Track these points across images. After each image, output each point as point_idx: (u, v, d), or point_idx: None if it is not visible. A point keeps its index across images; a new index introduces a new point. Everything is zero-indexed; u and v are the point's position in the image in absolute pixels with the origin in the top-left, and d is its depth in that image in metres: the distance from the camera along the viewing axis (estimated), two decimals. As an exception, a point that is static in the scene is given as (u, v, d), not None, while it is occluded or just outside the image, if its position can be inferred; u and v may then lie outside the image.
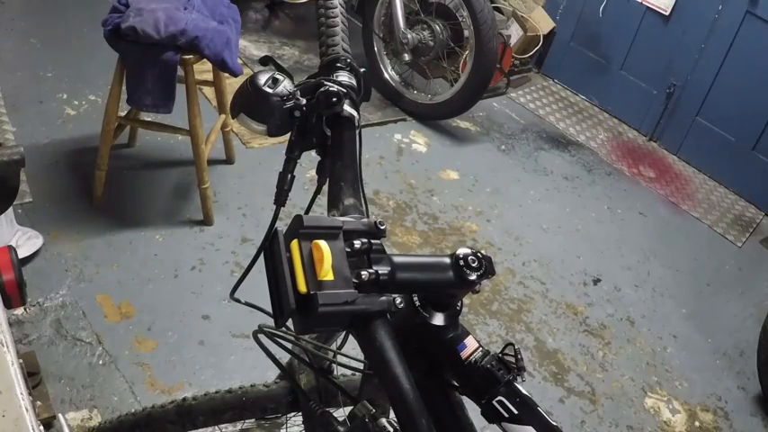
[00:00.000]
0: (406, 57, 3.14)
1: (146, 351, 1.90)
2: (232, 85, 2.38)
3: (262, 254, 0.62)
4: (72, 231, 2.19)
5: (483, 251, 0.66)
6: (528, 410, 0.65)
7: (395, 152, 3.01)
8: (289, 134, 0.73)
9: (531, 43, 3.76)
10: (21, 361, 0.73)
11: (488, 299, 2.39)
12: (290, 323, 0.59)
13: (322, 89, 0.70)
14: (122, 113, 2.27)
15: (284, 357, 0.90)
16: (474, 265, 0.63)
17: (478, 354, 0.67)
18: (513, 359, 0.67)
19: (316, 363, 0.90)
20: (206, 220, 2.35)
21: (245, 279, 0.80)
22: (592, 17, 3.71)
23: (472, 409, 0.69)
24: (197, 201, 2.34)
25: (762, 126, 3.31)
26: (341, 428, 0.77)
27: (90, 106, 2.74)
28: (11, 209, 1.90)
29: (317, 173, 0.75)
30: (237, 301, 0.80)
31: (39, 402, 1.51)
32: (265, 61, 0.74)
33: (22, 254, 1.99)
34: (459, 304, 0.69)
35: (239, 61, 2.22)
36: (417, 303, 0.66)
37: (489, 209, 2.83)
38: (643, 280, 2.72)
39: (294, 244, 0.58)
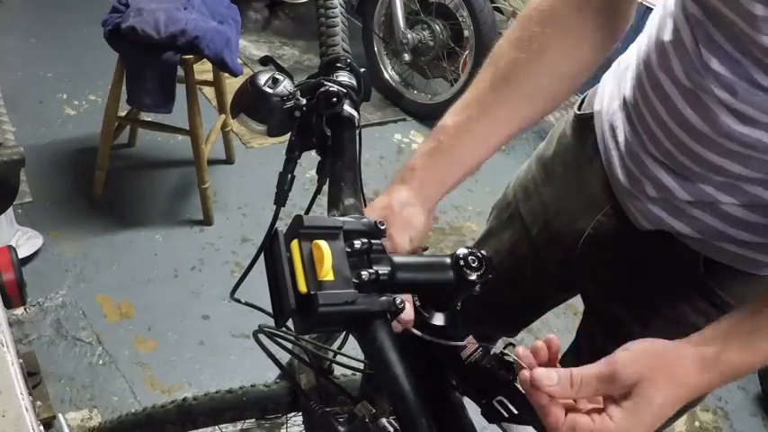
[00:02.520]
0: (406, 57, 3.13)
1: (146, 351, 1.90)
2: (232, 85, 2.38)
3: (262, 254, 0.62)
4: (72, 231, 2.19)
5: (483, 251, 0.65)
6: (528, 410, 0.65)
7: (395, 152, 3.01)
8: (289, 134, 0.73)
9: (531, 43, 3.75)
10: (21, 361, 0.73)
11: (488, 299, 2.39)
12: (290, 323, 0.59)
13: (322, 89, 0.70)
14: (122, 113, 2.27)
15: (284, 357, 0.90)
16: (474, 265, 0.63)
17: (478, 354, 0.67)
18: (513, 359, 0.66)
19: (316, 363, 0.90)
20: (206, 220, 2.35)
21: (245, 279, 0.80)
22: (592, 17, 3.70)
23: (472, 410, 0.69)
24: (197, 201, 2.34)
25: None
26: (341, 428, 0.77)
27: (90, 106, 2.74)
28: (11, 209, 1.90)
29: (317, 173, 0.75)
30: (238, 301, 0.80)
31: (39, 402, 1.51)
32: (265, 61, 0.74)
33: (22, 254, 1.99)
34: (459, 304, 0.69)
35: (239, 61, 2.22)
36: (417, 303, 0.66)
37: (489, 209, 2.82)
38: (643, 280, 2.72)
39: (294, 244, 0.58)
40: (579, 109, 0.95)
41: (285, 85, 0.69)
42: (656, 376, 0.56)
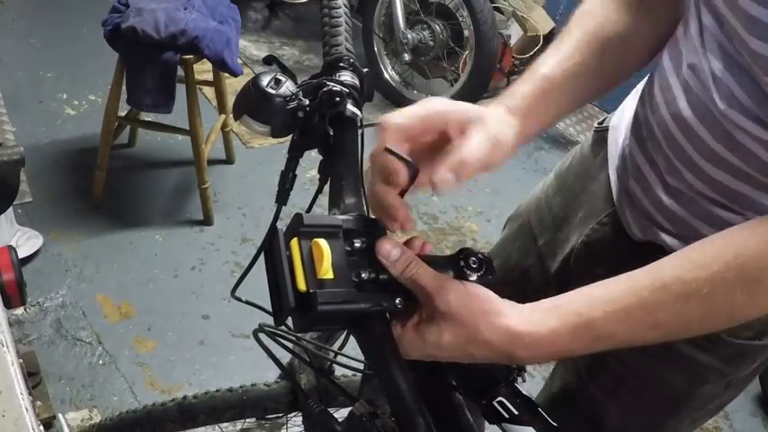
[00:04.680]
0: (406, 57, 3.13)
1: (146, 351, 1.90)
2: (232, 85, 2.38)
3: (262, 253, 0.62)
4: (72, 231, 2.19)
5: (484, 251, 0.65)
6: (528, 411, 0.65)
7: (395, 152, 3.01)
8: (290, 134, 0.73)
9: (531, 43, 3.75)
10: (21, 361, 0.73)
11: (488, 299, 2.39)
12: (290, 322, 0.59)
13: (325, 89, 0.70)
14: (122, 113, 2.27)
15: (285, 357, 0.90)
16: (474, 266, 0.63)
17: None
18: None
19: (316, 363, 0.90)
20: (206, 220, 2.35)
21: (245, 277, 0.80)
22: (592, 17, 3.70)
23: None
24: (197, 201, 2.34)
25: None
26: (339, 427, 0.77)
27: (90, 106, 2.74)
28: (11, 209, 1.90)
29: (318, 172, 0.74)
30: (238, 299, 0.80)
31: (39, 402, 1.50)
32: (269, 60, 0.74)
33: (22, 254, 1.99)
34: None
35: (239, 61, 2.22)
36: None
37: (489, 209, 2.83)
38: (643, 280, 2.72)
39: (294, 242, 0.57)
40: (600, 125, 0.96)
41: (288, 86, 0.69)
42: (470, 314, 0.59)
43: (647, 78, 0.85)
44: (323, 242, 0.56)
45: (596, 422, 0.92)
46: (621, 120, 0.89)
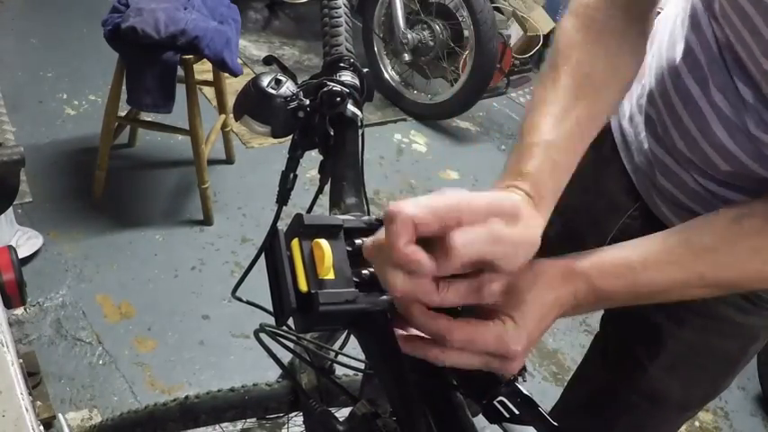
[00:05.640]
0: (406, 57, 3.14)
1: (146, 351, 1.90)
2: (232, 85, 2.38)
3: (263, 253, 0.62)
4: (72, 231, 2.19)
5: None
6: (529, 411, 0.65)
7: (395, 152, 3.01)
8: (291, 134, 0.73)
9: (531, 43, 3.76)
10: (21, 361, 0.73)
11: (488, 299, 2.39)
12: (291, 322, 0.59)
13: (325, 89, 0.70)
14: (122, 113, 2.27)
15: (286, 357, 0.90)
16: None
17: (480, 354, 0.67)
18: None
19: (317, 362, 0.90)
20: (206, 220, 2.35)
21: (246, 277, 0.80)
22: (592, 17, 3.70)
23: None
24: (197, 201, 2.34)
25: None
26: (340, 427, 0.77)
27: (90, 106, 2.74)
28: (11, 209, 1.90)
29: (318, 172, 0.74)
30: (239, 299, 0.80)
31: (39, 402, 1.50)
32: (269, 61, 0.74)
33: (22, 254, 1.99)
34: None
35: (239, 61, 2.22)
36: None
37: (489, 209, 2.83)
38: (643, 280, 2.72)
39: (295, 243, 0.57)
40: None
41: (288, 86, 0.69)
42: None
43: (641, 76, 0.85)
44: (324, 242, 0.56)
45: (659, 400, 0.95)
46: (623, 109, 0.89)
